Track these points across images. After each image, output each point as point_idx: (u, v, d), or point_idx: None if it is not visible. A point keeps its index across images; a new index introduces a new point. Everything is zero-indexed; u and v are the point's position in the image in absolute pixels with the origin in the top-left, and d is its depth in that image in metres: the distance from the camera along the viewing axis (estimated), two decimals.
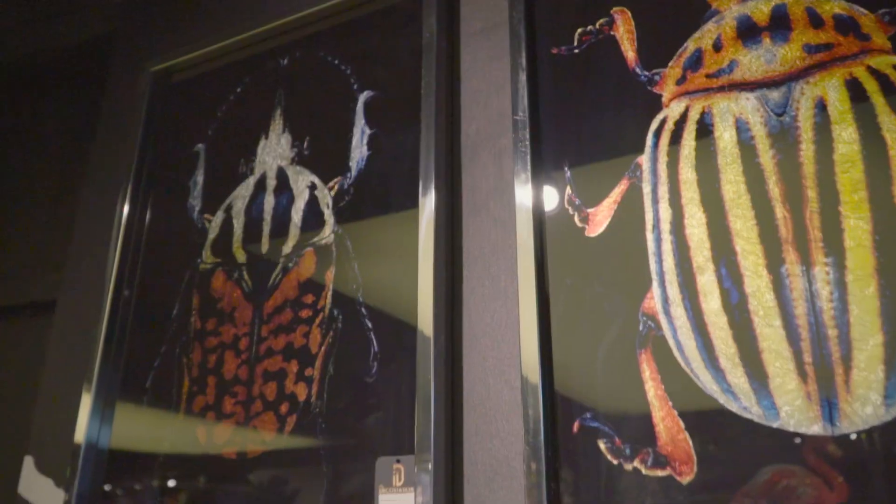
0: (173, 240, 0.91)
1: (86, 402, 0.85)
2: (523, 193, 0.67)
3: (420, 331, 0.66)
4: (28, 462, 0.91)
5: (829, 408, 0.52)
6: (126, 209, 0.94)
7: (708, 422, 0.55)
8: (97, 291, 0.94)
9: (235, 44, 0.96)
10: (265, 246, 0.82)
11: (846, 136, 0.58)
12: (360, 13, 0.88)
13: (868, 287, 0.53)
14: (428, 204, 0.72)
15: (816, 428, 0.52)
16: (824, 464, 0.51)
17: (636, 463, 0.57)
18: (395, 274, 0.73)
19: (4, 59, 1.25)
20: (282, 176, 0.86)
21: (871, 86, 0.58)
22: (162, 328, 0.87)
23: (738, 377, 0.55)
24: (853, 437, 0.51)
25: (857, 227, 0.55)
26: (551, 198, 0.67)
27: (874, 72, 0.59)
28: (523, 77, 0.71)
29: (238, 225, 0.86)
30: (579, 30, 0.72)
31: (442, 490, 0.63)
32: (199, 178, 0.93)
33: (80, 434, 0.83)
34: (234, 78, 0.97)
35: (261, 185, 0.87)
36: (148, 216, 0.96)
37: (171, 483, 0.78)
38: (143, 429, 0.83)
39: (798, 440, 0.52)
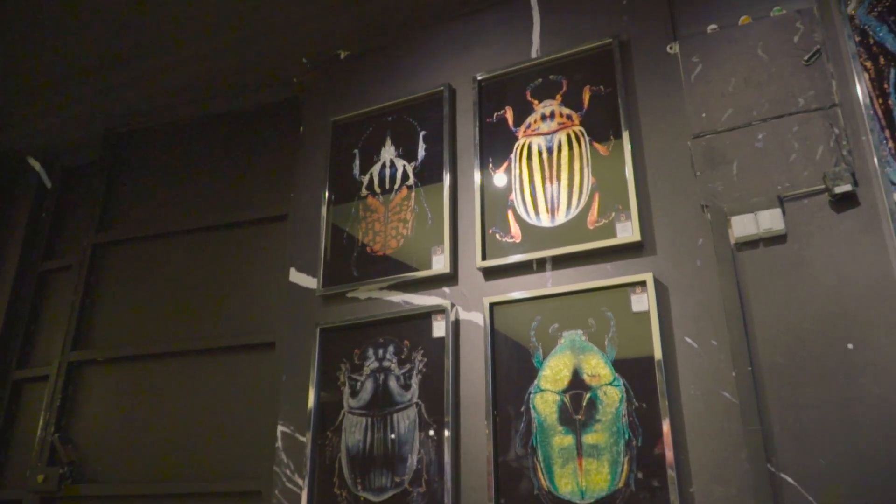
0: (348, 186, 2.40)
1: (320, 234, 2.33)
2: (476, 165, 2.16)
3: (445, 202, 2.15)
4: (292, 269, 2.39)
5: (553, 218, 2.01)
6: (328, 176, 2.42)
7: (525, 225, 2.04)
8: (316, 203, 2.42)
9: (369, 111, 2.44)
10: (387, 184, 2.31)
11: (565, 148, 2.07)
12: (417, 102, 2.37)
13: (564, 189, 2.02)
14: (447, 166, 2.20)
15: (549, 223, 2.01)
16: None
17: (505, 238, 2.06)
18: (437, 193, 2.22)
19: (247, 105, 2.74)
20: (391, 162, 2.34)
21: (573, 134, 2.07)
22: (346, 218, 2.35)
23: (532, 214, 2.04)
24: (557, 225, 2.00)
25: (564, 172, 2.04)
26: (485, 166, 2.17)
27: (574, 132, 2.08)
28: (477, 129, 2.21)
29: (376, 179, 2.35)
30: (495, 113, 2.22)
31: (449, 245, 2.11)
32: (357, 162, 2.41)
33: (321, 250, 2.32)
34: (367, 124, 2.45)
35: (383, 165, 2.36)
36: (333, 178, 2.44)
37: (358, 267, 2.26)
38: (347, 258, 2.31)
39: (550, 226, 2.01)
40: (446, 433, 1.90)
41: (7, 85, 2.96)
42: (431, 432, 1.94)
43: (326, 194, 2.40)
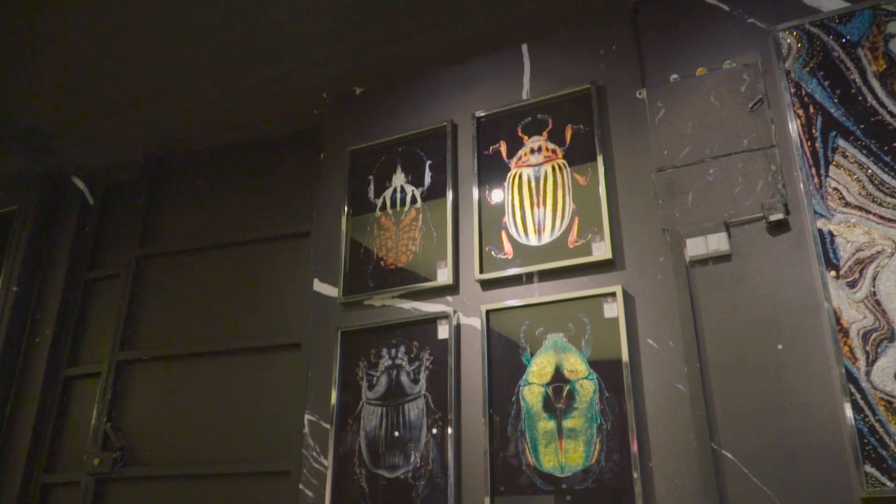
0: (364, 207, 2.76)
1: (340, 249, 2.69)
2: (474, 191, 2.53)
3: (448, 223, 2.52)
4: (316, 280, 2.76)
5: (540, 237, 2.37)
6: (346, 199, 2.79)
7: (516, 244, 2.41)
8: (336, 222, 2.79)
9: (382, 141, 2.81)
10: (398, 207, 2.68)
11: (550, 178, 2.43)
12: (424, 135, 2.74)
13: (549, 213, 2.39)
14: (450, 191, 2.57)
15: (536, 242, 2.37)
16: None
17: (500, 255, 2.42)
18: (441, 215, 2.59)
19: (273, 134, 3.11)
20: (402, 187, 2.71)
21: (557, 166, 2.44)
22: (363, 235, 2.72)
23: (521, 234, 2.41)
24: (543, 244, 2.36)
25: (549, 198, 2.40)
26: (483, 193, 2.53)
27: (557, 164, 2.44)
28: (475, 160, 2.57)
29: (388, 201, 2.72)
30: (491, 147, 2.58)
31: (451, 260, 2.48)
32: (371, 186, 2.78)
33: (342, 263, 2.68)
34: (380, 153, 2.82)
35: (395, 190, 2.72)
36: (351, 200, 2.81)
37: (373, 278, 2.63)
38: (364, 271, 2.67)
39: (538, 245, 2.37)
40: (450, 419, 2.26)
41: (57, 114, 3.33)
42: (437, 418, 2.31)
43: (345, 214, 2.76)
